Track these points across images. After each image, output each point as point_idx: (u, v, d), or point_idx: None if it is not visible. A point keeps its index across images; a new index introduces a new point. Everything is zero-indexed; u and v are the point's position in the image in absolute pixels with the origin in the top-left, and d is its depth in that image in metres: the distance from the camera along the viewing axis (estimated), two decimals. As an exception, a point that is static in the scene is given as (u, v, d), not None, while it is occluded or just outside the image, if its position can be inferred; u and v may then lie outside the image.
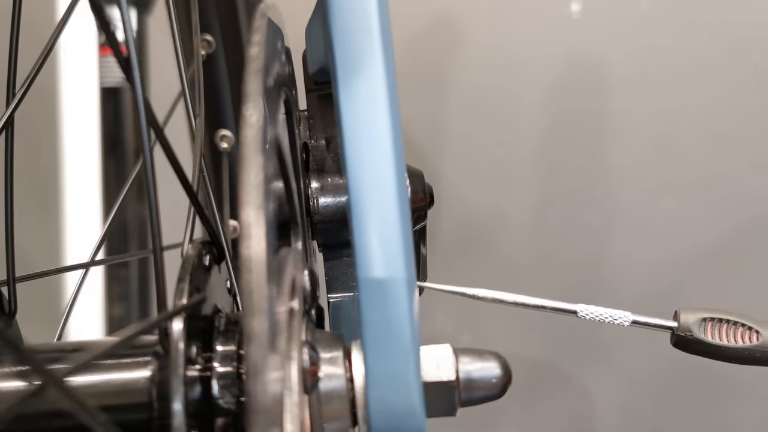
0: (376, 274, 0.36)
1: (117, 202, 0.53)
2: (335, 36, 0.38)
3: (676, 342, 0.47)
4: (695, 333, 0.46)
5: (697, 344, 0.47)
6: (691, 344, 0.47)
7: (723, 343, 0.46)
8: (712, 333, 0.46)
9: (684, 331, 0.47)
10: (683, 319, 0.47)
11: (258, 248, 0.26)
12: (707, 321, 0.47)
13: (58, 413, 0.31)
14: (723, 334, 0.46)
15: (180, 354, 0.32)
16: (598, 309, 0.47)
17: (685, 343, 0.47)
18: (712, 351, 0.46)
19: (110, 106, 0.90)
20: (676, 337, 0.47)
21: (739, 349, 0.46)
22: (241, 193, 0.27)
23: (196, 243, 0.37)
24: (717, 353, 0.46)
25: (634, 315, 0.48)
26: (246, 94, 0.29)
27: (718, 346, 0.46)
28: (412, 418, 0.36)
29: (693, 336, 0.46)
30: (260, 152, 0.28)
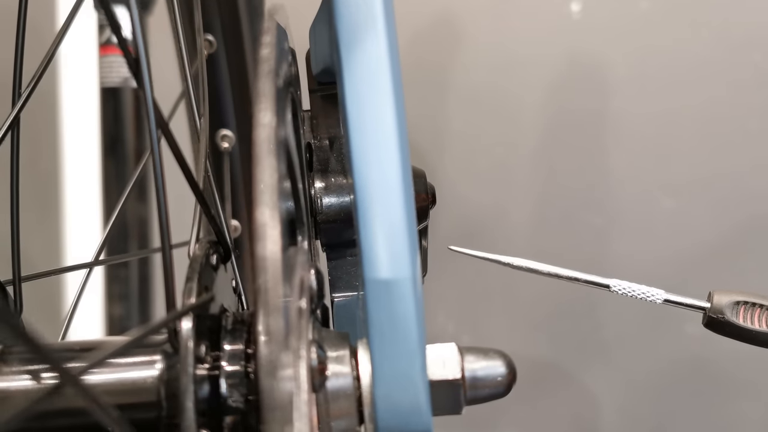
0: (382, 273, 0.37)
1: (120, 202, 0.53)
2: (341, 36, 0.38)
3: (708, 322, 0.48)
4: (727, 315, 0.47)
5: (728, 326, 0.47)
6: (722, 326, 0.47)
7: (755, 327, 0.46)
8: (744, 317, 0.47)
9: (716, 313, 0.47)
10: (716, 300, 0.47)
11: (273, 248, 0.27)
12: (740, 304, 0.47)
13: (72, 411, 0.31)
14: (756, 319, 0.47)
15: (189, 353, 0.32)
16: (631, 285, 0.47)
17: (717, 325, 0.47)
18: (743, 334, 0.47)
19: (110, 106, 0.90)
20: (708, 318, 0.48)
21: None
22: (256, 194, 0.27)
23: (204, 242, 0.37)
24: (748, 337, 0.47)
25: (667, 293, 0.48)
26: (258, 94, 0.29)
27: (749, 330, 0.47)
28: (418, 416, 0.36)
29: (725, 318, 0.47)
30: (273, 152, 0.28)
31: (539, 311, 1.10)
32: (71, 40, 1.00)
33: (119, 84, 0.89)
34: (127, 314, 0.91)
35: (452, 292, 1.10)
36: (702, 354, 1.07)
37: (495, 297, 1.11)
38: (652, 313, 1.06)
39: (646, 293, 0.47)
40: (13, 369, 0.33)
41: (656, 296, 0.47)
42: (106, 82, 0.89)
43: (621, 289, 0.47)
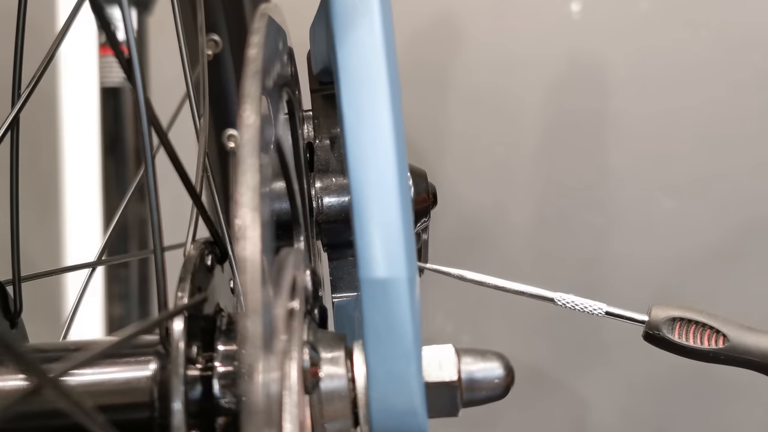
0: (378, 273, 0.36)
1: (122, 203, 0.53)
2: (337, 36, 0.38)
3: (646, 336, 0.49)
4: (663, 332, 0.48)
5: (663, 342, 0.48)
6: (658, 341, 0.48)
7: (689, 344, 0.47)
8: (680, 333, 0.48)
9: (652, 329, 0.48)
10: (653, 315, 0.48)
11: (253, 250, 0.26)
12: (676, 321, 0.48)
13: (58, 413, 0.31)
14: (690, 335, 0.48)
15: (180, 354, 0.32)
16: (574, 298, 0.48)
17: (653, 339, 0.48)
18: (678, 350, 0.48)
19: (110, 106, 0.90)
20: (645, 333, 0.49)
21: (704, 351, 0.47)
22: (237, 195, 0.27)
23: (198, 243, 0.37)
24: (682, 352, 0.48)
25: (609, 306, 0.49)
26: (243, 95, 0.29)
27: (683, 346, 0.47)
28: (413, 418, 0.36)
29: (660, 334, 0.48)
30: (256, 154, 0.28)
31: (539, 313, 1.10)
32: (71, 41, 1.00)
33: (119, 84, 0.89)
34: (127, 314, 0.91)
35: (452, 294, 1.10)
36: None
37: (495, 298, 1.11)
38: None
39: (589, 306, 0.48)
40: (4, 369, 0.33)
41: (598, 310, 0.48)
42: (106, 82, 0.89)
43: (565, 302, 0.48)
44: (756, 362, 0.48)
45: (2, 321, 0.39)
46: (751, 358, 0.48)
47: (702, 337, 0.47)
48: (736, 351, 0.48)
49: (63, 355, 0.35)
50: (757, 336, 0.48)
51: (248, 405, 0.25)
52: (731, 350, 0.48)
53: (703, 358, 0.48)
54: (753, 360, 0.48)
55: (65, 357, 0.34)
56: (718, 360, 0.48)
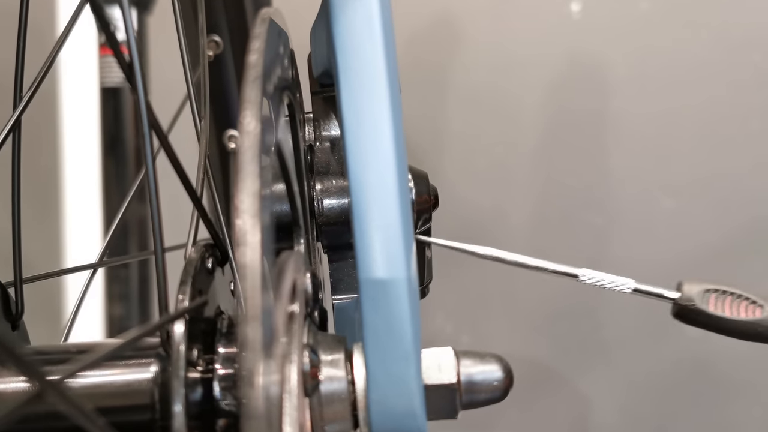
0: (378, 275, 0.36)
1: (123, 205, 0.53)
2: (337, 38, 0.38)
3: (677, 312, 0.46)
4: (697, 303, 0.45)
5: (698, 315, 0.45)
6: (692, 315, 0.45)
7: (725, 315, 0.45)
8: (715, 305, 0.45)
9: (686, 301, 0.45)
10: (686, 289, 0.46)
11: (253, 256, 0.27)
12: (710, 292, 0.45)
13: (60, 415, 0.31)
14: (726, 307, 0.45)
15: (181, 356, 0.32)
16: (600, 274, 0.46)
17: (686, 314, 0.45)
18: (713, 323, 0.45)
19: (110, 106, 0.90)
20: (677, 308, 0.46)
21: (740, 322, 0.45)
22: (237, 201, 0.27)
23: (199, 245, 0.37)
24: (718, 325, 0.45)
25: (637, 283, 0.46)
26: (243, 101, 0.29)
27: (719, 318, 0.45)
28: (413, 420, 0.36)
29: (695, 306, 0.45)
30: (256, 160, 0.28)
31: (539, 313, 1.10)
32: (71, 41, 1.00)
33: (119, 84, 0.89)
34: (127, 314, 0.91)
35: (452, 294, 1.10)
36: (703, 356, 1.06)
37: (494, 298, 1.11)
38: (652, 314, 1.06)
39: (615, 282, 0.46)
40: (7, 372, 0.33)
41: (625, 286, 0.46)
42: (106, 82, 0.89)
43: (590, 279, 0.46)
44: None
45: (4, 323, 0.39)
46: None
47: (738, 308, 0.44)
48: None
49: (66, 358, 0.35)
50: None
51: (248, 410, 0.25)
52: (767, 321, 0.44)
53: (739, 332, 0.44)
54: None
55: (68, 360, 0.34)
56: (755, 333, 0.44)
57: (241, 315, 0.26)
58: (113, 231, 0.53)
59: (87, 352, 0.35)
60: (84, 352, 0.35)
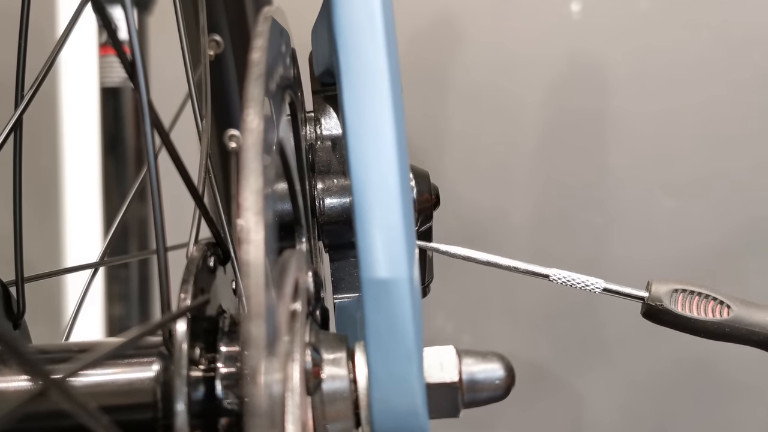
0: (380, 274, 0.36)
1: (124, 206, 0.53)
2: (339, 37, 0.38)
3: (646, 312, 0.46)
4: (665, 303, 0.45)
5: (666, 315, 0.45)
6: (660, 315, 0.46)
7: (693, 315, 0.45)
8: (683, 305, 0.45)
9: (654, 301, 0.45)
10: (654, 289, 0.46)
11: (256, 254, 0.27)
12: (679, 292, 0.45)
13: (63, 413, 0.31)
14: (694, 307, 0.45)
15: (183, 355, 0.32)
16: (571, 274, 0.46)
17: (655, 314, 0.46)
18: (681, 323, 0.45)
19: (110, 106, 0.90)
20: (646, 307, 0.46)
21: (708, 323, 0.45)
22: (241, 199, 0.27)
23: (201, 244, 0.37)
24: (686, 325, 0.45)
25: (607, 282, 0.46)
26: (246, 99, 0.29)
27: (687, 318, 0.45)
28: (415, 419, 0.36)
29: (663, 306, 0.45)
30: (259, 158, 0.28)
31: (539, 312, 1.10)
32: (71, 41, 1.00)
33: (119, 84, 0.89)
34: (127, 314, 0.91)
35: (452, 294, 1.10)
36: (703, 355, 1.07)
37: (495, 298, 1.11)
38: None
39: (585, 282, 0.46)
40: (10, 370, 0.33)
41: (595, 285, 0.46)
42: (106, 82, 0.89)
43: (560, 279, 0.46)
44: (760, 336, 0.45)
45: (6, 322, 0.39)
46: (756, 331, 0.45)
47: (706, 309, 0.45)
48: (741, 323, 0.45)
49: (68, 357, 0.35)
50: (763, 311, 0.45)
51: (252, 408, 0.25)
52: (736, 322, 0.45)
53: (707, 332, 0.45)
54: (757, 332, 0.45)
55: (70, 358, 0.34)
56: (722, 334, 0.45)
57: (243, 313, 0.26)
58: (113, 231, 0.53)
59: (89, 350, 0.35)
60: (86, 350, 0.35)
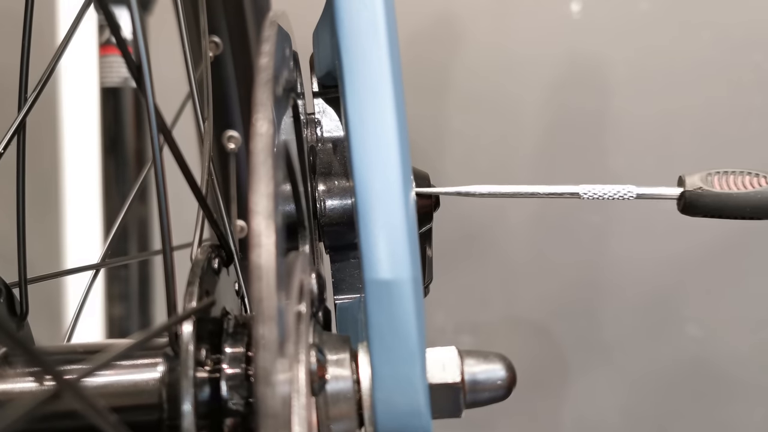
0: (382, 275, 0.37)
1: (125, 206, 0.53)
2: (342, 41, 0.38)
3: (686, 205, 0.45)
4: (704, 186, 0.44)
5: (707, 198, 0.44)
6: (702, 200, 0.44)
7: (733, 190, 0.44)
8: (720, 184, 0.44)
9: (693, 188, 0.44)
10: (688, 180, 0.45)
11: (268, 257, 0.27)
12: (713, 175, 0.44)
13: (71, 414, 0.31)
14: (732, 183, 0.44)
15: (190, 356, 0.33)
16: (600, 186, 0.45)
17: (696, 202, 0.44)
18: (725, 201, 0.44)
19: (110, 106, 0.90)
20: (684, 200, 0.45)
21: (750, 195, 0.44)
22: (252, 203, 0.27)
23: (206, 246, 0.37)
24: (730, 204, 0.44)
25: (638, 188, 0.45)
26: (256, 103, 0.29)
27: (729, 195, 0.44)
28: (418, 419, 0.36)
29: (702, 190, 0.44)
30: (270, 161, 0.28)
31: (540, 312, 1.10)
32: (72, 41, 1.00)
33: (119, 84, 0.89)
34: (127, 314, 0.91)
35: (452, 294, 1.10)
36: (703, 355, 1.07)
37: (495, 298, 1.11)
38: (652, 313, 1.06)
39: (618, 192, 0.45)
40: (17, 372, 0.34)
41: (629, 193, 0.45)
42: (106, 82, 0.89)
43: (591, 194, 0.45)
44: None
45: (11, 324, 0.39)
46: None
47: (744, 182, 0.44)
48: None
49: (73, 358, 0.35)
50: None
51: (263, 409, 0.26)
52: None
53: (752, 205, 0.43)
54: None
55: (76, 360, 0.35)
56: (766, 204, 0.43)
57: (253, 315, 0.26)
58: (114, 232, 0.53)
59: (94, 352, 0.35)
60: (91, 352, 0.35)
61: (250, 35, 0.69)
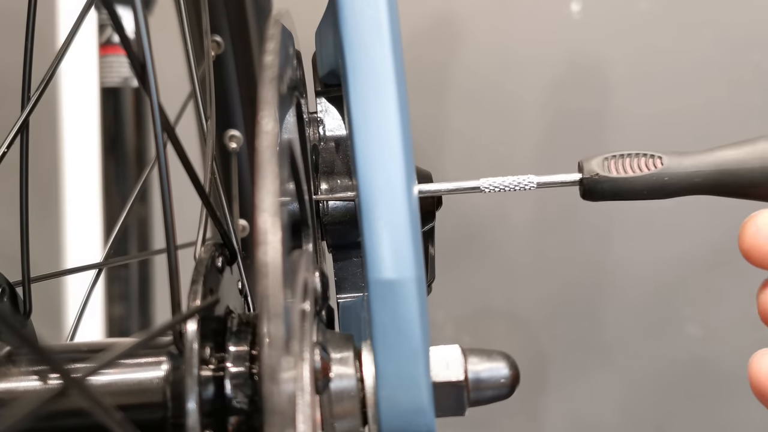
0: (386, 274, 0.37)
1: (127, 204, 0.53)
2: (346, 39, 0.38)
3: (585, 191, 0.45)
4: (600, 173, 0.44)
5: (605, 183, 0.44)
6: (599, 186, 0.45)
7: (629, 174, 0.44)
8: (617, 168, 0.44)
9: (590, 174, 0.45)
10: (586, 166, 0.45)
11: (274, 254, 0.27)
12: (609, 159, 0.45)
13: (78, 412, 0.31)
14: (627, 167, 0.44)
15: (194, 354, 0.33)
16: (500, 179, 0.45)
17: (594, 187, 0.45)
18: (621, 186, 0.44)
19: (110, 106, 0.90)
20: (584, 186, 0.45)
21: (645, 177, 0.44)
22: (258, 200, 0.27)
23: (209, 245, 0.37)
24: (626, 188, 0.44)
25: (539, 177, 0.45)
26: (261, 101, 0.29)
27: (625, 179, 0.44)
28: (421, 417, 0.36)
29: (599, 176, 0.44)
30: (275, 160, 0.28)
31: (539, 312, 1.10)
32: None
33: (119, 84, 0.89)
34: (127, 314, 0.91)
35: (452, 294, 1.10)
36: (703, 355, 1.07)
37: (495, 298, 1.11)
38: (652, 313, 1.06)
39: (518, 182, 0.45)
40: (21, 370, 0.34)
41: (530, 183, 0.45)
42: (106, 82, 0.89)
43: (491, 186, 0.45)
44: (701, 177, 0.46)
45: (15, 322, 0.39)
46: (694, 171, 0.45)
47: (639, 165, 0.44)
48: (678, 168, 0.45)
49: (79, 357, 0.35)
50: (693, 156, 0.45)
51: (270, 406, 0.26)
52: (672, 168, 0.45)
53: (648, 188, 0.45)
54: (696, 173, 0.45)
55: (80, 358, 0.35)
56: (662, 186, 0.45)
57: (257, 313, 0.26)
58: (116, 231, 0.53)
59: (98, 350, 0.35)
60: (95, 350, 0.35)
61: (252, 34, 0.69)
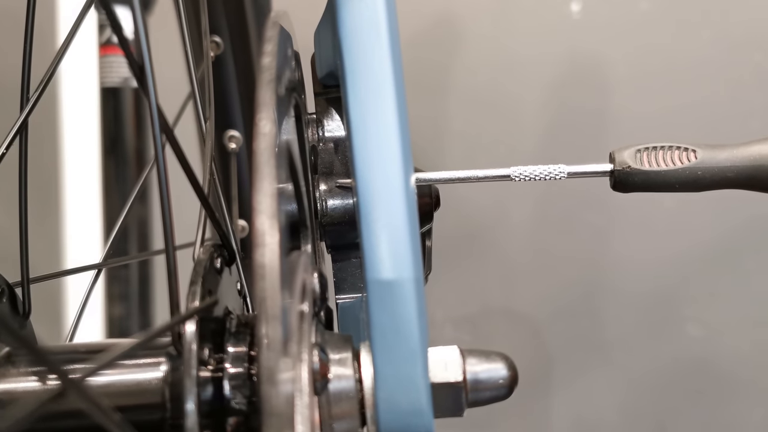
0: (384, 275, 0.37)
1: (127, 205, 0.53)
2: (344, 40, 0.38)
3: (617, 182, 0.45)
4: (632, 165, 0.44)
5: (637, 176, 0.44)
6: (631, 178, 0.44)
7: (662, 168, 0.44)
8: (649, 161, 0.44)
9: (621, 166, 0.44)
10: (618, 157, 0.45)
11: (272, 256, 0.27)
12: (642, 151, 0.44)
13: (76, 413, 0.31)
14: (660, 160, 0.44)
15: (193, 355, 0.33)
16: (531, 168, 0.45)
17: (625, 179, 0.45)
18: (653, 179, 0.44)
19: (110, 106, 0.90)
20: (615, 177, 0.45)
21: (679, 171, 0.44)
22: (255, 202, 0.27)
23: (208, 246, 0.37)
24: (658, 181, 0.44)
25: (570, 166, 0.46)
26: (259, 103, 0.29)
27: (657, 172, 0.44)
28: (420, 418, 0.36)
29: (631, 168, 0.44)
30: (273, 161, 0.28)
31: (539, 312, 1.10)
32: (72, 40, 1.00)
33: (119, 84, 0.89)
34: (127, 314, 0.91)
35: (452, 294, 1.10)
36: (703, 354, 1.07)
37: (495, 298, 1.11)
38: (653, 312, 1.06)
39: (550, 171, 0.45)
40: (20, 371, 0.34)
41: (560, 172, 0.45)
42: (106, 82, 0.89)
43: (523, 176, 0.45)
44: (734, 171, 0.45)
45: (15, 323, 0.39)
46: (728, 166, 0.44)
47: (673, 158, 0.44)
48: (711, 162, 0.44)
49: (77, 358, 0.35)
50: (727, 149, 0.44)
51: (268, 408, 0.26)
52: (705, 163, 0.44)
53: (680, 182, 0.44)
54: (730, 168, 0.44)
55: (79, 359, 0.35)
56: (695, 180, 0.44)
57: (256, 314, 0.26)
58: (116, 231, 0.53)
59: (97, 351, 0.35)
60: (94, 351, 0.36)
61: (251, 35, 0.69)
